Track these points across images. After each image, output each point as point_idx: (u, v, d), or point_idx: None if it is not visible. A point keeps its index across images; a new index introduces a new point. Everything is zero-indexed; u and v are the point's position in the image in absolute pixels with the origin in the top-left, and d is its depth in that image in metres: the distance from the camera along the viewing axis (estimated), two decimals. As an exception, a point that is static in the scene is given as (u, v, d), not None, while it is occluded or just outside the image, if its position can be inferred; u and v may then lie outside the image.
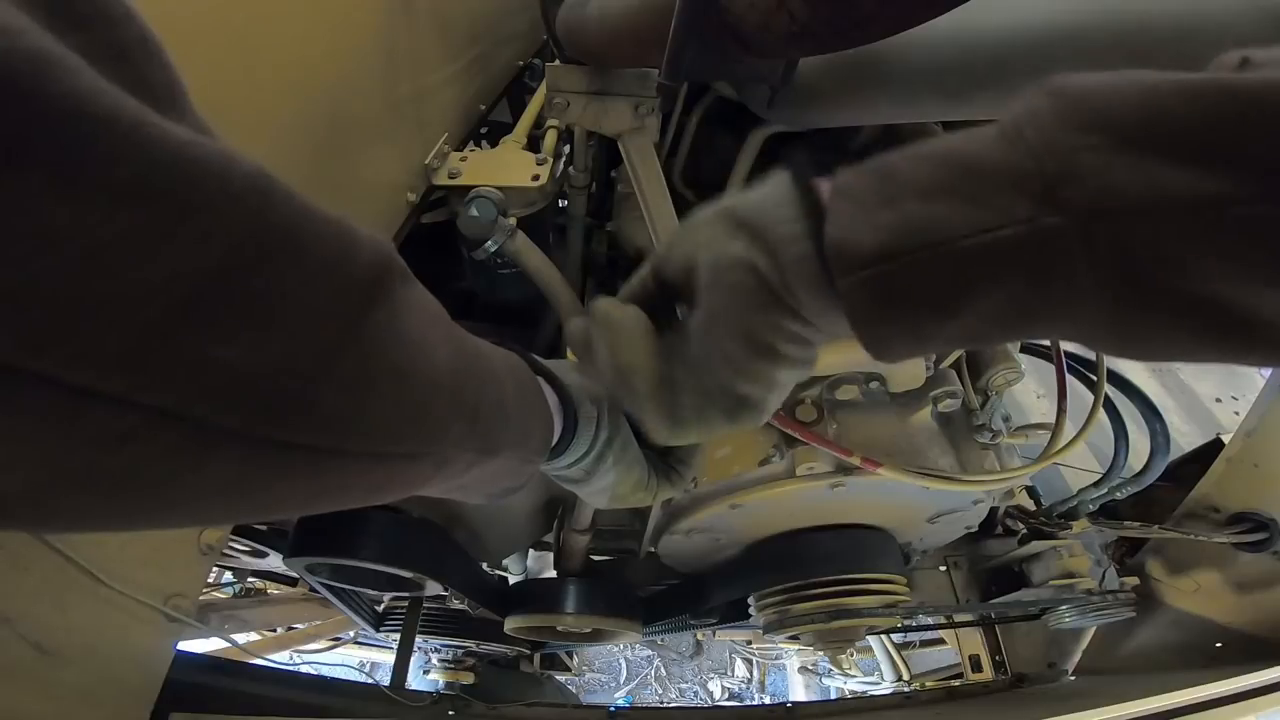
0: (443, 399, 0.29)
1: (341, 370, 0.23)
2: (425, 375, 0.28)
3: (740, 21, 0.43)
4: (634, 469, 0.50)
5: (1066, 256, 0.25)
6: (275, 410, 0.21)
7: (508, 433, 0.36)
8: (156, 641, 0.56)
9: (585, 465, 0.46)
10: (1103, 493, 1.00)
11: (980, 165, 0.27)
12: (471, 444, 0.33)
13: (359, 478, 0.27)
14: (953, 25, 0.49)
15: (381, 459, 0.27)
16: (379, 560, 0.82)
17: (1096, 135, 0.24)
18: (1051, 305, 0.27)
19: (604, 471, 0.47)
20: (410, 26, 0.83)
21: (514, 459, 0.38)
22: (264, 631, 1.79)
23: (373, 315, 0.24)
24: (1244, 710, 0.83)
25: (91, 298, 0.17)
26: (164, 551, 0.57)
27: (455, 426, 0.31)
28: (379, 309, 0.25)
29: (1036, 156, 0.26)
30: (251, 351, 0.20)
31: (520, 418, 0.38)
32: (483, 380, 0.34)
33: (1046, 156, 0.25)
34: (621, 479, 0.49)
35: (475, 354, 0.34)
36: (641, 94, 0.63)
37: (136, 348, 0.18)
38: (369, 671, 2.69)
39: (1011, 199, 0.26)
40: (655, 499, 0.55)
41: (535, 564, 1.66)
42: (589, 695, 3.89)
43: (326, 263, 0.22)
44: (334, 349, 0.23)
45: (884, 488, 0.81)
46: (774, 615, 0.98)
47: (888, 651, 2.02)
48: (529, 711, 1.03)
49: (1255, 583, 1.07)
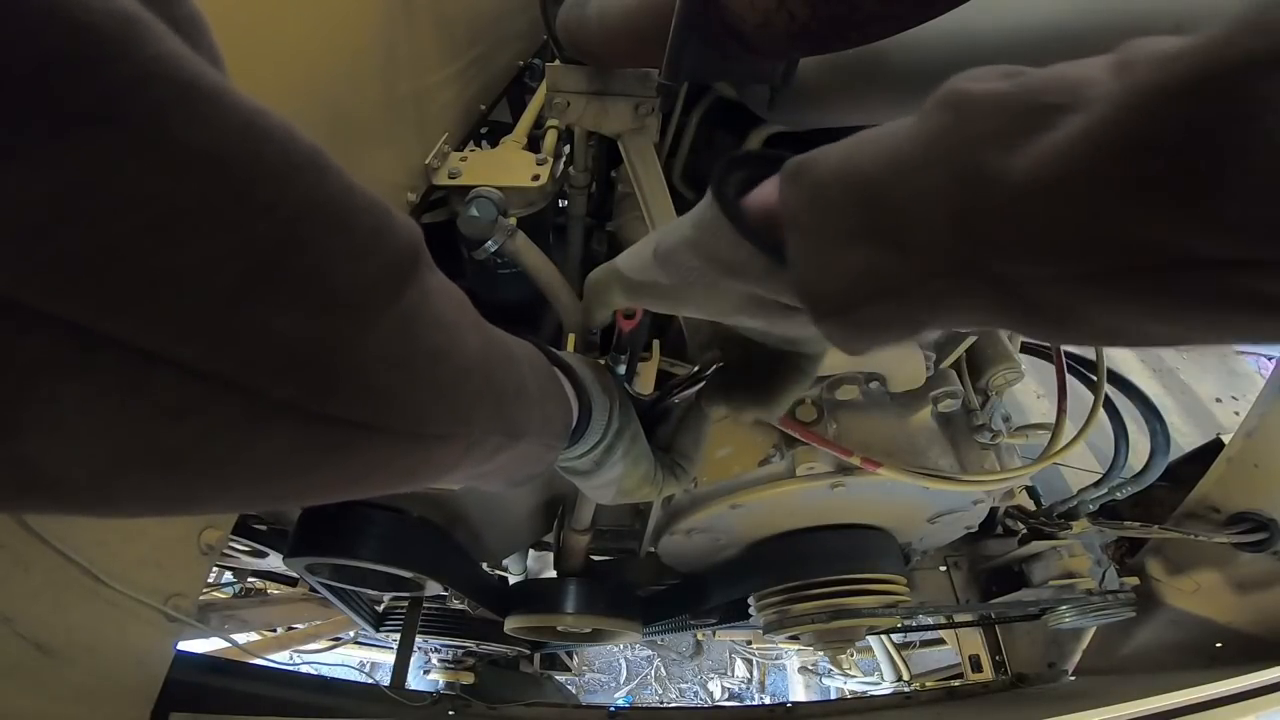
0: (473, 381, 0.30)
1: (387, 346, 0.24)
2: (457, 356, 0.28)
3: (740, 21, 0.43)
4: (641, 463, 0.50)
5: (986, 298, 0.26)
6: (329, 383, 0.22)
7: (531, 417, 0.37)
8: (156, 641, 0.56)
9: (595, 456, 0.47)
10: (1103, 493, 1.00)
11: (900, 210, 0.27)
12: (499, 427, 0.33)
13: (399, 459, 0.27)
14: (952, 25, 0.49)
15: (419, 440, 0.27)
16: (379, 560, 0.82)
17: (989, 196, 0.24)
18: (1003, 319, 0.28)
19: (612, 464, 0.48)
20: (410, 26, 0.83)
21: (537, 444, 0.39)
22: (264, 631, 1.79)
23: (408, 294, 0.24)
24: (1244, 710, 0.83)
25: (169, 262, 0.17)
26: (164, 551, 0.57)
27: (484, 409, 0.31)
28: (413, 289, 0.25)
29: (944, 201, 0.26)
30: (308, 322, 0.20)
31: (542, 403, 0.39)
32: (507, 365, 0.34)
33: (948, 215, 0.26)
34: (628, 472, 0.50)
35: (498, 339, 0.35)
36: (641, 94, 0.63)
37: (208, 315, 0.18)
38: (369, 671, 2.69)
39: (932, 256, 0.26)
40: (659, 494, 0.55)
41: (535, 564, 1.66)
42: (589, 695, 3.89)
43: (370, 239, 0.23)
44: (379, 324, 0.23)
45: (884, 488, 0.81)
46: (774, 615, 0.98)
47: (888, 651, 2.02)
48: (529, 711, 1.03)
49: (1255, 583, 1.07)
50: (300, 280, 0.20)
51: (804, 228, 0.31)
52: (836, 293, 0.30)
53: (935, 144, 0.26)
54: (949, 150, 0.26)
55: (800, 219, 0.31)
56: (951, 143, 0.26)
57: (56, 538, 0.47)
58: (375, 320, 0.23)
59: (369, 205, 0.23)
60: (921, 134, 0.27)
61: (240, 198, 0.18)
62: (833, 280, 0.30)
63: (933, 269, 0.27)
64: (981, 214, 0.24)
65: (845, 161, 0.30)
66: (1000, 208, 0.24)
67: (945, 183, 0.25)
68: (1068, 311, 0.25)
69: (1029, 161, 0.23)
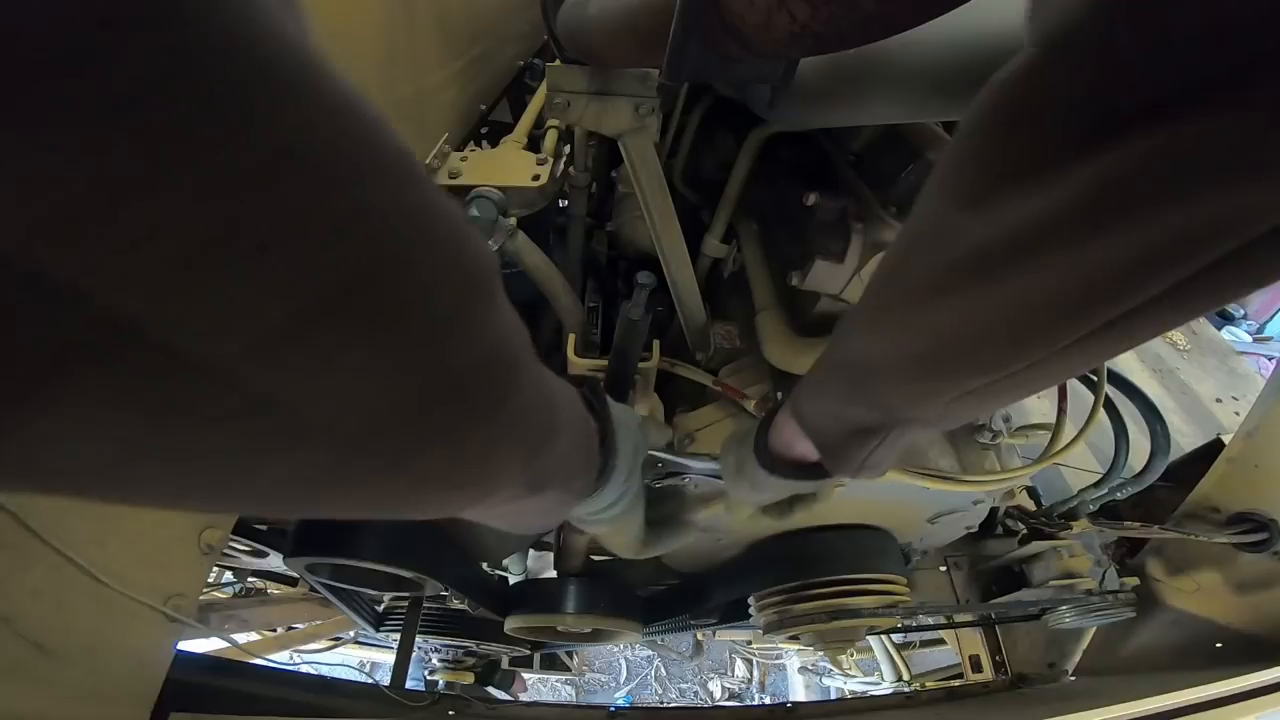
0: (516, 430, 0.28)
1: (449, 381, 0.22)
2: (516, 396, 0.27)
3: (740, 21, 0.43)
4: (629, 528, 0.55)
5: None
6: (389, 421, 0.20)
7: (556, 474, 0.36)
8: (156, 641, 0.56)
9: (595, 516, 0.49)
10: (1103, 493, 1.00)
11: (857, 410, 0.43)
12: (523, 480, 0.32)
13: (417, 494, 0.26)
14: (953, 26, 0.49)
15: (449, 482, 0.26)
16: (379, 560, 0.82)
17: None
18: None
19: (603, 523, 0.50)
20: (410, 26, 0.83)
21: (552, 499, 0.38)
22: (264, 631, 1.79)
23: (482, 321, 0.23)
24: (1244, 710, 0.83)
25: (237, 273, 0.14)
26: (164, 551, 0.57)
27: (515, 461, 0.30)
28: (490, 316, 0.23)
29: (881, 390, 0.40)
30: (373, 361, 0.19)
31: (570, 460, 0.39)
32: (549, 414, 0.33)
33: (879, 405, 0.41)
34: (614, 532, 0.54)
35: (545, 382, 0.33)
36: (641, 94, 0.63)
37: (272, 337, 0.16)
38: (369, 671, 2.69)
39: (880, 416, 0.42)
40: (633, 555, 0.62)
41: (535, 564, 1.66)
42: (589, 695, 3.89)
43: (451, 258, 0.20)
44: (449, 357, 0.21)
45: (884, 488, 0.81)
46: (774, 615, 0.98)
47: (888, 651, 2.02)
48: (529, 711, 1.03)
49: (1255, 583, 1.07)
50: (374, 307, 0.18)
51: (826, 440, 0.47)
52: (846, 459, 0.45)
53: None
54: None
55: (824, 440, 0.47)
56: None
57: (56, 538, 0.47)
58: (445, 352, 0.21)
59: (449, 215, 0.20)
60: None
61: (322, 207, 0.15)
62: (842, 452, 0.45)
63: (883, 428, 0.41)
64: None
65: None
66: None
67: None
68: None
69: None
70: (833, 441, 0.46)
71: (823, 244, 0.71)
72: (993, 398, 0.35)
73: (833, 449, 0.46)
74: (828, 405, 0.45)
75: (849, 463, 0.45)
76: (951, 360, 0.34)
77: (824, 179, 0.80)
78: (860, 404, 0.41)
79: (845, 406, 0.43)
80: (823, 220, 0.72)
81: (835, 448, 0.46)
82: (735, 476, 0.57)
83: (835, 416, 0.44)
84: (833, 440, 0.46)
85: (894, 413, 0.40)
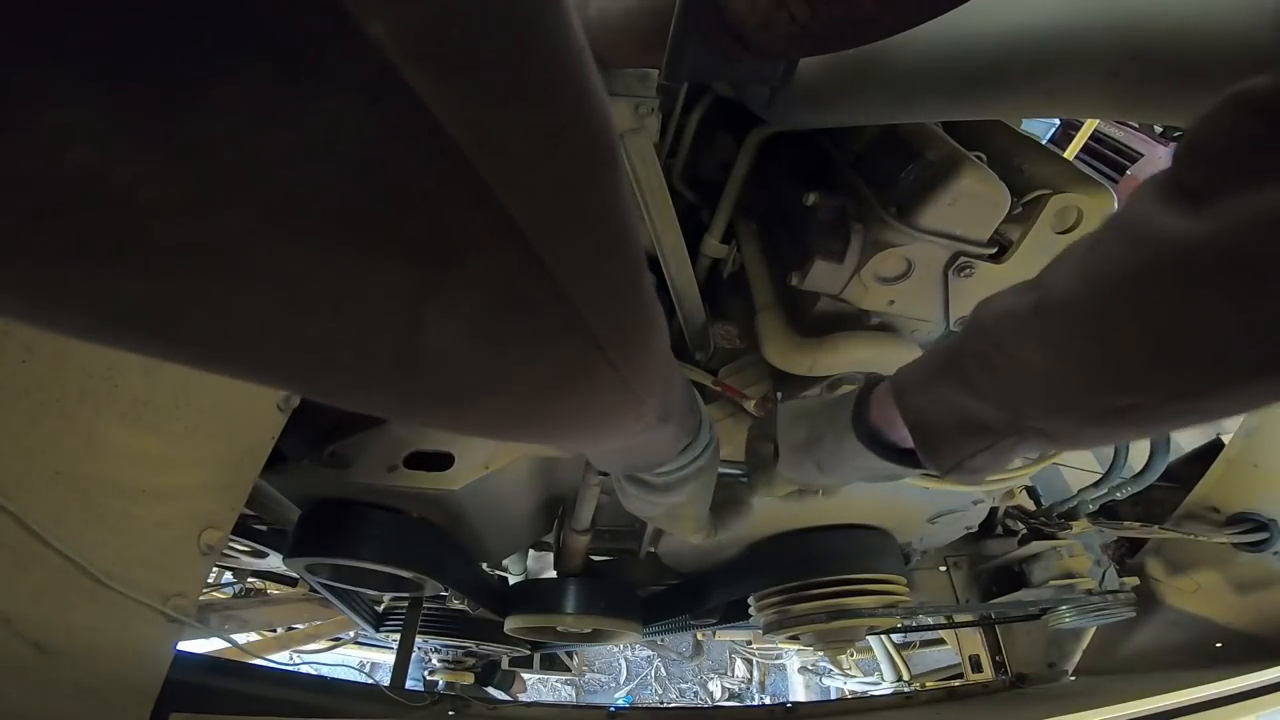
0: (661, 353, 0.32)
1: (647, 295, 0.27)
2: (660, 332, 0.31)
3: (740, 21, 0.43)
4: (703, 500, 0.54)
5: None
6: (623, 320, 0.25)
7: (677, 407, 0.39)
8: (156, 642, 0.56)
9: (683, 473, 0.48)
10: (1103, 493, 1.00)
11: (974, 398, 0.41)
12: (657, 408, 0.34)
13: (618, 403, 0.30)
14: (952, 26, 0.49)
15: (630, 390, 0.29)
16: (379, 560, 0.82)
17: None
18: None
19: (683, 490, 0.49)
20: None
21: (669, 433, 0.41)
22: (264, 631, 1.79)
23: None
24: (1244, 710, 0.83)
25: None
26: (164, 551, 0.57)
27: (658, 382, 0.33)
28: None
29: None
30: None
31: (685, 397, 0.42)
32: (669, 352, 0.36)
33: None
34: (689, 502, 0.52)
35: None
36: (641, 94, 0.63)
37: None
38: (369, 672, 2.69)
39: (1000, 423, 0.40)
40: (699, 537, 0.62)
41: (535, 564, 1.66)
42: (589, 695, 3.89)
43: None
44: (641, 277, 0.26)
45: (884, 488, 0.81)
46: (774, 615, 0.98)
47: (888, 651, 2.02)
48: (529, 711, 1.03)
49: (1255, 583, 1.07)
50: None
51: (925, 430, 0.45)
52: (952, 466, 0.44)
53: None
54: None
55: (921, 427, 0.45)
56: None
57: (56, 538, 0.47)
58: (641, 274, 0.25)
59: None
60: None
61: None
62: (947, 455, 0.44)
63: (1002, 430, 0.39)
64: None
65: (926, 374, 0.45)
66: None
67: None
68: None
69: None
70: (938, 433, 0.43)
71: (822, 244, 0.71)
72: (1133, 425, 0.34)
73: (935, 440, 0.43)
74: (945, 393, 0.42)
75: (948, 459, 0.43)
76: (1118, 368, 0.32)
77: (824, 179, 0.80)
78: (989, 399, 0.39)
79: (968, 398, 0.40)
80: (822, 220, 0.72)
81: (938, 440, 0.43)
82: (798, 453, 0.55)
83: (951, 407, 0.41)
84: (938, 431, 0.43)
85: (1024, 417, 0.37)
